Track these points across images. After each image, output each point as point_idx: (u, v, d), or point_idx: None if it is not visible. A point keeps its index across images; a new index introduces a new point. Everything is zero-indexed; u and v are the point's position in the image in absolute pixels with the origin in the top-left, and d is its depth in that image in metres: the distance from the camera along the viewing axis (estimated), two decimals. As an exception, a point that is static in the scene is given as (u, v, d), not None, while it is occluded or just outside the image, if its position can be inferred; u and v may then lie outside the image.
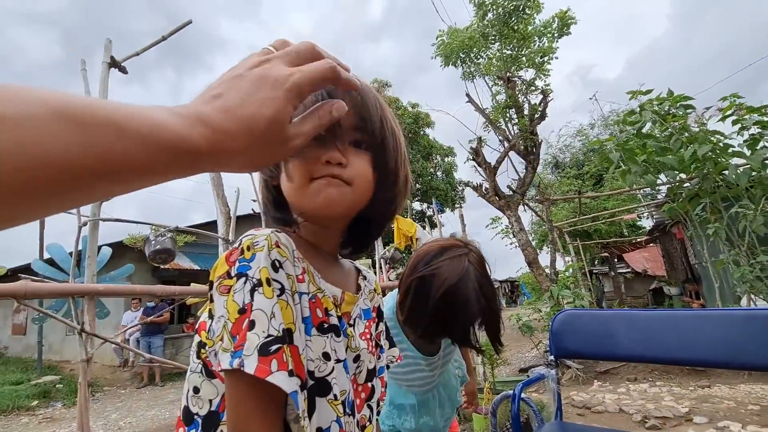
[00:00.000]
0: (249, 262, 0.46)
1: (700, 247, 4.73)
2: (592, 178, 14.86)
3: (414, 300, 0.92)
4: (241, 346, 0.42)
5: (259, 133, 0.32)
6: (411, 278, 0.93)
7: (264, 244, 0.47)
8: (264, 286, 0.45)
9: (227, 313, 0.44)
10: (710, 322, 1.18)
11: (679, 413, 3.09)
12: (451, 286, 0.87)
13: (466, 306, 0.87)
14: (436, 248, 0.95)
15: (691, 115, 3.94)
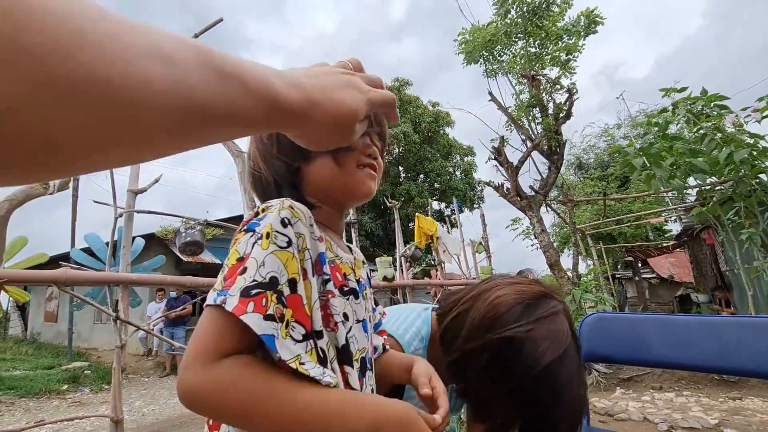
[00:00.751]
0: (259, 221, 0.50)
1: (732, 253, 4.54)
2: (617, 179, 14.46)
3: (490, 367, 0.66)
4: (228, 287, 0.45)
5: (341, 117, 0.38)
6: (491, 336, 0.66)
7: (277, 206, 0.52)
8: (263, 239, 0.49)
9: (227, 261, 0.49)
10: (753, 330, 1.13)
11: (708, 425, 2.98)
12: (552, 363, 0.63)
13: (562, 395, 0.63)
14: (524, 297, 0.70)
15: (727, 117, 3.78)
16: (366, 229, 15.99)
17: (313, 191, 0.62)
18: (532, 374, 0.62)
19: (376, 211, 16.27)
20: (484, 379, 0.66)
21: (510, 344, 0.64)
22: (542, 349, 0.63)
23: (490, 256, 5.03)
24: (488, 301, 0.70)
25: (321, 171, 0.60)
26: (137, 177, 1.59)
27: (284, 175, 0.62)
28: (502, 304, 0.68)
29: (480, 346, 0.66)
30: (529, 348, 0.63)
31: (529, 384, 0.62)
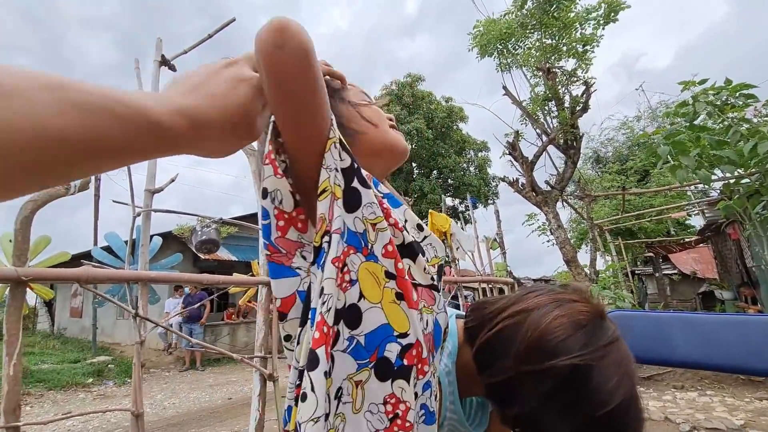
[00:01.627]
0: None
1: (760, 248, 4.37)
2: (636, 173, 14.08)
3: (554, 396, 0.59)
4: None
5: (236, 120, 0.37)
6: (558, 362, 0.58)
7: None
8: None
9: None
10: (781, 329, 1.08)
11: (733, 426, 2.88)
12: (626, 399, 0.57)
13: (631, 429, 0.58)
14: (585, 319, 0.63)
15: (750, 108, 3.62)
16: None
17: (374, 147, 0.61)
18: (607, 408, 0.55)
19: (390, 207, 16.21)
20: (545, 410, 0.59)
21: (583, 373, 0.57)
22: (616, 380, 0.57)
23: (505, 252, 4.97)
24: (545, 320, 0.63)
25: (362, 135, 0.59)
26: (154, 177, 1.61)
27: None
28: (565, 325, 0.61)
29: (541, 372, 0.59)
30: (603, 378, 0.57)
31: (601, 418, 0.55)
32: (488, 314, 0.72)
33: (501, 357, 0.64)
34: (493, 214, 5.48)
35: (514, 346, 0.63)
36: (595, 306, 0.66)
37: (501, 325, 0.67)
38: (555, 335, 0.60)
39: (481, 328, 0.71)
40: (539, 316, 0.64)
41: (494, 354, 0.66)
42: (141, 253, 1.47)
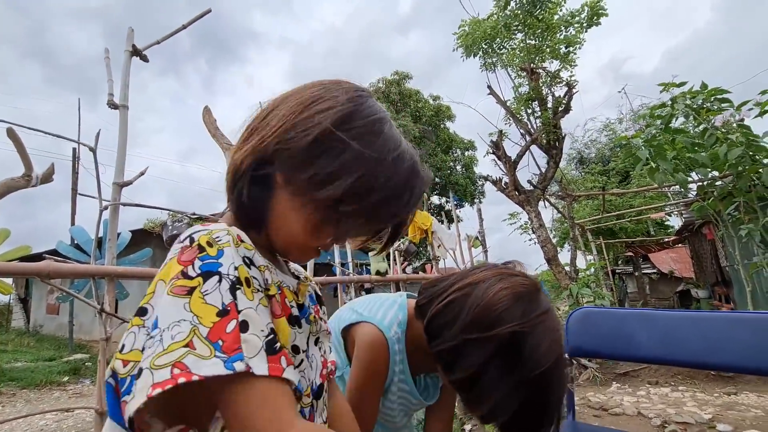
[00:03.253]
0: (217, 259, 0.42)
1: (732, 248, 4.51)
2: (618, 174, 14.38)
3: (496, 360, 0.65)
4: (236, 349, 0.38)
5: None
6: (500, 329, 0.65)
7: (228, 239, 0.45)
8: (244, 286, 0.42)
9: (197, 317, 0.38)
10: (740, 325, 1.11)
11: (702, 420, 2.98)
12: (557, 360, 0.66)
13: (559, 389, 0.67)
14: (524, 292, 0.70)
15: (719, 115, 3.72)
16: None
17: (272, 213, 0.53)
18: (540, 369, 0.63)
19: (377, 205, 16.22)
20: (488, 371, 0.66)
21: (520, 339, 0.65)
22: (547, 345, 0.65)
23: (487, 250, 5.02)
24: (490, 293, 0.69)
25: (286, 212, 0.52)
26: (123, 169, 1.57)
27: (258, 190, 0.52)
28: (507, 296, 0.68)
29: (485, 338, 0.66)
30: (537, 343, 0.65)
31: (534, 378, 0.63)
32: (438, 290, 0.79)
33: (449, 327, 0.71)
34: (475, 211, 5.53)
35: (461, 317, 0.70)
36: (532, 280, 0.74)
37: (449, 298, 0.74)
38: (497, 306, 0.68)
39: (431, 303, 0.77)
40: (484, 288, 0.71)
41: (443, 325, 0.73)
42: (108, 248, 1.43)
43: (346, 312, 0.92)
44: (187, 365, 0.36)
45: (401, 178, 0.50)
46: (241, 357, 0.38)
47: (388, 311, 0.86)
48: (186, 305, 0.39)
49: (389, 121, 0.53)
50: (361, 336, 0.83)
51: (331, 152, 0.48)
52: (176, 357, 0.36)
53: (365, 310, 0.88)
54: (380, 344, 0.81)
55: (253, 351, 0.39)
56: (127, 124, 1.66)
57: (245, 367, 0.37)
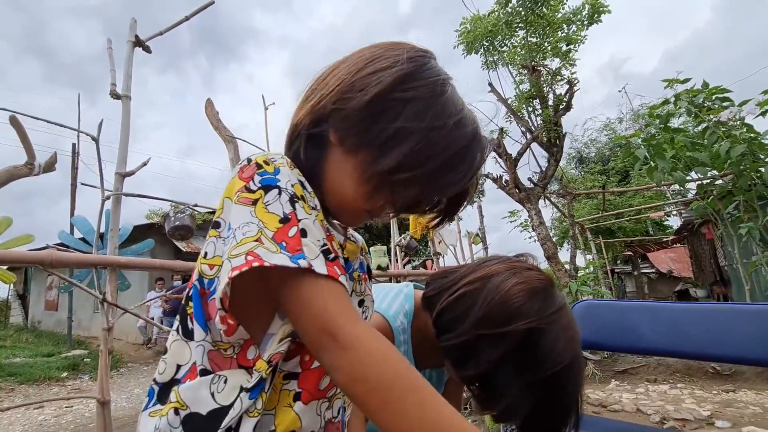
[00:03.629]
0: (274, 175, 0.45)
1: (731, 247, 4.52)
2: (617, 174, 14.40)
3: (512, 357, 0.63)
4: (299, 250, 0.40)
5: None
6: (517, 325, 0.63)
7: (282, 161, 0.47)
8: (302, 201, 0.45)
9: (262, 222, 0.41)
10: (742, 317, 1.12)
11: (701, 416, 2.98)
12: (575, 358, 0.64)
13: (576, 387, 0.65)
14: (540, 287, 0.67)
15: (725, 111, 3.73)
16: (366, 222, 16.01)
17: (324, 174, 0.52)
18: (557, 368, 0.61)
19: (376, 203, 16.23)
20: (501, 369, 0.63)
21: (536, 335, 0.62)
22: (564, 342, 0.63)
23: (487, 247, 5.02)
24: (504, 287, 0.67)
25: (340, 175, 0.51)
26: (125, 160, 1.57)
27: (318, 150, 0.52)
28: (522, 292, 0.66)
29: (499, 335, 0.63)
30: (554, 340, 0.62)
31: (550, 377, 0.61)
32: (448, 282, 0.76)
33: (461, 321, 0.69)
34: (475, 209, 5.54)
35: (473, 311, 0.67)
36: (546, 275, 0.71)
37: (461, 291, 0.71)
38: (513, 301, 0.65)
39: (440, 295, 0.75)
40: (498, 282, 0.68)
41: (454, 318, 0.70)
42: (110, 238, 1.43)
43: None
44: (258, 254, 0.39)
45: (461, 144, 0.48)
46: (304, 256, 0.40)
47: (393, 301, 0.83)
48: (252, 212, 0.42)
49: (451, 84, 0.51)
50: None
51: (388, 113, 0.46)
52: (249, 247, 0.40)
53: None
54: (385, 332, 0.77)
55: (313, 254, 0.41)
56: (130, 114, 1.65)
57: (307, 265, 0.39)
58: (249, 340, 0.46)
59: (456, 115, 0.48)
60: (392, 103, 0.47)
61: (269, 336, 0.47)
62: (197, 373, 0.44)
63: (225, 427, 0.41)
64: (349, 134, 0.48)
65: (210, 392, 0.43)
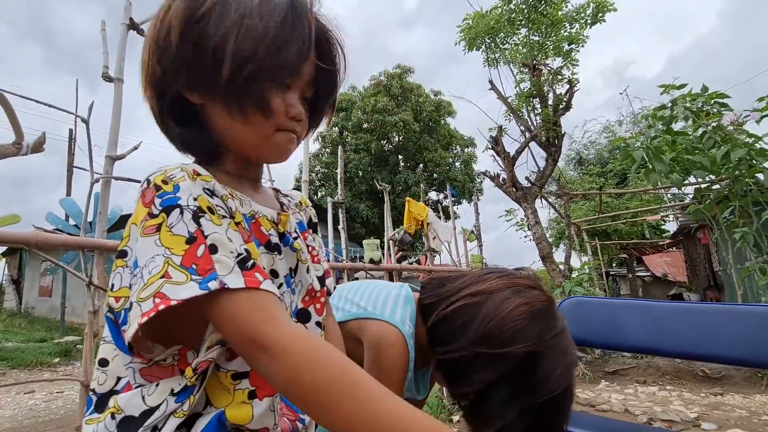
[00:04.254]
0: (175, 193, 0.43)
1: (726, 252, 4.54)
2: (615, 176, 14.42)
3: (509, 379, 0.62)
4: (209, 270, 0.40)
5: None
6: (517, 348, 0.62)
7: (182, 175, 0.45)
8: (208, 213, 0.44)
9: (168, 250, 0.41)
10: (729, 317, 1.12)
11: (687, 418, 3.00)
12: (570, 383, 0.65)
13: (568, 409, 0.66)
14: (541, 309, 0.67)
15: (726, 115, 3.73)
16: (362, 216, 15.99)
17: (218, 135, 0.52)
18: (553, 393, 0.61)
19: (373, 199, 16.23)
20: (498, 390, 0.62)
21: (535, 359, 0.62)
22: (562, 368, 0.63)
23: (482, 244, 5.04)
24: (506, 307, 0.65)
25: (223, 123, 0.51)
26: (116, 143, 1.55)
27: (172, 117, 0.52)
28: (525, 314, 0.65)
29: (499, 355, 0.62)
30: (552, 366, 0.62)
31: (546, 402, 0.61)
32: (447, 292, 0.74)
33: (458, 335, 0.67)
34: (472, 207, 5.55)
35: (472, 327, 0.66)
36: (548, 295, 0.70)
37: (459, 304, 0.70)
38: (515, 322, 0.63)
39: (438, 304, 0.73)
40: (500, 300, 0.66)
41: (451, 331, 0.69)
42: (99, 221, 1.42)
43: (340, 301, 0.84)
44: (165, 293, 0.39)
45: (278, 15, 0.47)
46: (215, 276, 0.40)
47: (396, 306, 0.78)
48: (157, 241, 0.41)
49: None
50: (378, 336, 0.74)
51: (200, 39, 0.46)
52: (156, 288, 0.39)
53: (369, 304, 0.80)
54: (400, 343, 0.74)
55: (226, 270, 0.41)
56: (122, 98, 1.63)
57: (219, 285, 0.39)
58: (184, 348, 0.47)
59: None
60: (194, 28, 0.47)
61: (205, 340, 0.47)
62: (133, 387, 0.47)
63: (150, 425, 0.43)
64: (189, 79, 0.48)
65: (142, 396, 0.45)
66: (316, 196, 16.72)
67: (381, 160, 17.75)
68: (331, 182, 17.18)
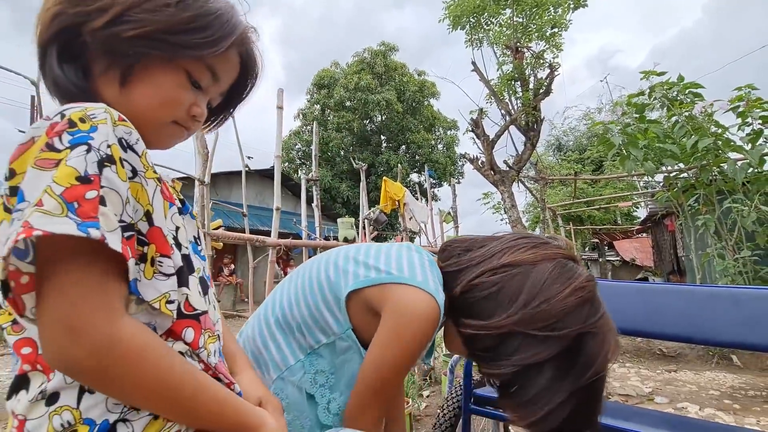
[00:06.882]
0: (89, 133, 0.39)
1: (689, 238, 4.74)
2: (592, 163, 14.74)
3: (557, 361, 0.60)
4: (93, 217, 0.35)
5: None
6: (570, 330, 0.59)
7: (105, 116, 0.41)
8: (117, 164, 0.39)
9: (53, 181, 0.35)
10: (676, 296, 1.17)
11: (642, 393, 3.19)
12: (605, 369, 0.63)
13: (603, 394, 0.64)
14: (587, 289, 0.63)
15: (698, 105, 3.83)
16: (342, 196, 15.90)
17: (120, 104, 0.48)
18: (602, 372, 0.61)
19: (355, 179, 16.12)
20: (545, 371, 0.59)
21: (586, 341, 0.60)
22: (610, 345, 0.62)
23: (458, 226, 5.10)
24: (556, 287, 0.62)
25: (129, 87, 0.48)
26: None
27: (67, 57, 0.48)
28: (577, 296, 0.61)
29: (551, 337, 0.59)
30: (601, 346, 0.61)
31: (595, 381, 0.60)
32: (474, 258, 0.68)
33: (497, 310, 0.62)
34: (450, 188, 5.58)
35: (516, 304, 0.61)
36: (590, 274, 0.67)
37: (496, 276, 0.64)
38: (566, 304, 0.60)
39: (465, 271, 0.68)
40: (545, 276, 0.63)
41: (486, 305, 0.64)
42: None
43: (349, 264, 0.71)
44: (30, 222, 0.33)
45: (219, 6, 0.51)
46: (98, 225, 0.35)
47: (426, 271, 0.67)
48: (50, 176, 0.36)
49: None
50: (408, 304, 0.63)
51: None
52: (23, 217, 0.34)
53: (391, 267, 0.67)
54: (434, 316, 0.63)
55: (110, 226, 0.37)
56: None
57: (100, 236, 0.35)
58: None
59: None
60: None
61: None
62: None
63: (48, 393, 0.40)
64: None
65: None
66: (297, 174, 16.48)
67: (363, 139, 17.56)
68: (311, 160, 16.92)
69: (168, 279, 0.45)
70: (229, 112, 0.63)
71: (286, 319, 0.73)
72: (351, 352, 0.69)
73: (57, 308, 0.35)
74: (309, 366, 0.70)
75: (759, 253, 3.56)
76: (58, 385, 0.39)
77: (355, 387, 0.67)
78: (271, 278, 2.01)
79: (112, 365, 0.36)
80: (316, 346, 0.70)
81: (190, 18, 0.47)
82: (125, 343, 0.37)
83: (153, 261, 0.43)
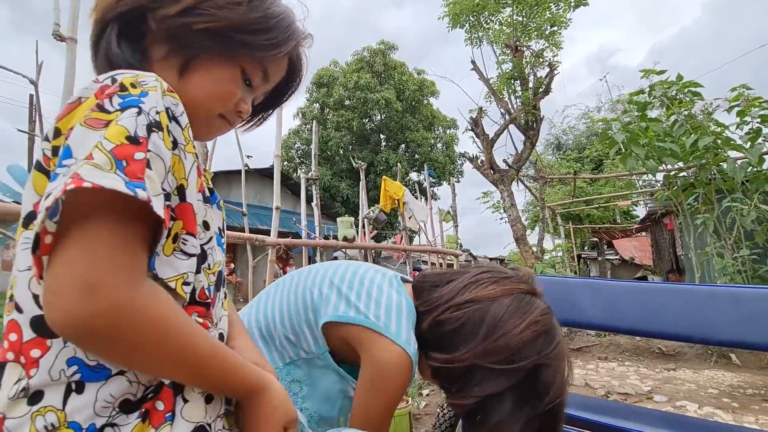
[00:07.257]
0: (140, 98, 0.39)
1: (688, 237, 4.75)
2: (591, 162, 14.74)
3: (515, 391, 0.64)
4: (140, 178, 0.35)
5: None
6: (526, 362, 0.64)
7: (155, 84, 0.41)
8: (164, 132, 0.40)
9: (104, 138, 0.35)
10: (675, 296, 1.17)
11: (642, 391, 3.19)
12: (566, 391, 0.68)
13: (563, 414, 0.69)
14: (545, 322, 0.68)
15: (698, 104, 3.83)
16: (342, 195, 15.90)
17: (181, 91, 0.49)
18: (559, 398, 0.65)
19: (355, 178, 16.11)
20: (504, 399, 0.64)
21: (541, 371, 0.64)
22: (564, 373, 0.67)
23: (457, 225, 5.11)
24: (512, 323, 0.66)
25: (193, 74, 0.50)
26: (69, 108, 1.46)
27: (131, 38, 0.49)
28: (532, 330, 0.66)
29: (508, 370, 0.64)
30: (554, 376, 0.65)
31: (553, 407, 0.64)
32: (441, 296, 0.73)
33: (459, 344, 0.68)
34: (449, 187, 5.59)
35: (476, 339, 0.66)
36: (547, 304, 0.72)
37: (458, 312, 0.69)
38: (522, 338, 0.65)
39: (433, 310, 0.72)
40: (503, 312, 0.67)
41: (450, 339, 0.69)
42: (50, 191, 1.34)
43: (324, 286, 0.75)
44: (80, 174, 0.33)
45: (281, 11, 0.54)
46: (144, 187, 0.34)
47: (401, 319, 0.70)
48: (101, 135, 0.36)
49: None
50: (385, 361, 0.68)
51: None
52: (72, 169, 0.34)
53: (368, 309, 0.71)
54: (407, 367, 0.68)
55: (155, 190, 0.36)
56: (76, 60, 1.53)
57: (147, 198, 0.34)
58: None
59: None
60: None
61: None
62: None
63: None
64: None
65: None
66: (296, 173, 16.46)
67: (362, 138, 17.54)
68: (310, 159, 16.92)
69: (189, 259, 0.43)
70: (269, 113, 0.64)
71: (269, 330, 0.77)
72: (328, 369, 0.75)
73: (76, 263, 0.34)
74: (286, 374, 0.76)
75: (758, 251, 3.57)
76: (42, 383, 0.37)
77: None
78: (270, 277, 2.01)
79: (126, 328, 0.35)
80: (295, 358, 0.76)
81: (258, 19, 0.49)
82: (145, 309, 0.36)
83: (176, 237, 0.42)
